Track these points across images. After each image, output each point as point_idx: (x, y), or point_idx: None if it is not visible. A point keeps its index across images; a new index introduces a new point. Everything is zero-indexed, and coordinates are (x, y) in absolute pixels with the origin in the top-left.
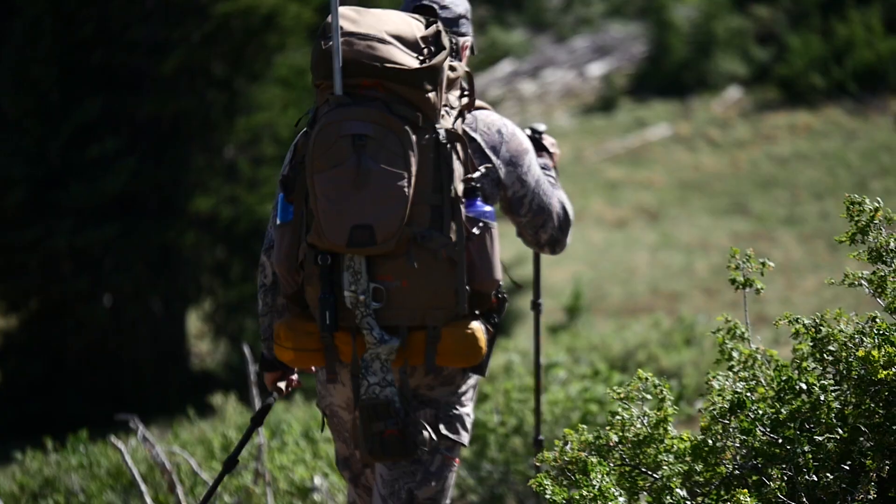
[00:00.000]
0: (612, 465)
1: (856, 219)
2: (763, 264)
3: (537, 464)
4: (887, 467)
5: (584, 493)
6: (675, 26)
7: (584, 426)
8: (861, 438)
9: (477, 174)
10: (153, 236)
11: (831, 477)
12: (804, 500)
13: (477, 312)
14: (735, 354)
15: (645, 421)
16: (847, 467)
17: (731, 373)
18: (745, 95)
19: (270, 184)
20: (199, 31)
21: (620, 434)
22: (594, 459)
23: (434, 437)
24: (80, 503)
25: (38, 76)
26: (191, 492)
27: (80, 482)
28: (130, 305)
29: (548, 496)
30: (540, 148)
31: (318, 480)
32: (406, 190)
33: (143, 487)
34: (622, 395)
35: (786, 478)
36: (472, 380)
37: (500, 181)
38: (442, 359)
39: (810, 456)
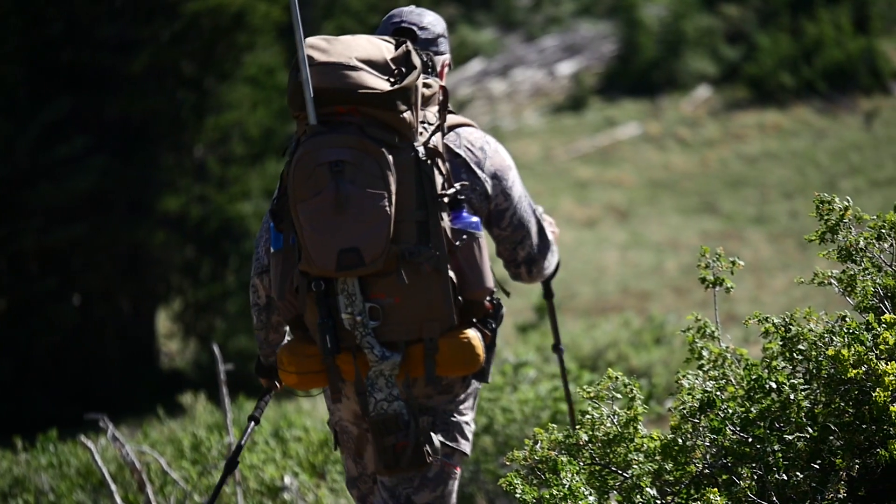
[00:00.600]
0: (582, 464)
1: (825, 218)
2: (733, 263)
3: (507, 462)
4: (857, 466)
5: (555, 492)
6: (645, 25)
7: (554, 425)
8: (831, 437)
9: (455, 188)
10: (122, 236)
11: (801, 476)
12: (774, 499)
13: (473, 320)
14: (705, 353)
15: (615, 420)
16: (817, 466)
17: (700, 372)
18: (714, 95)
19: (240, 183)
20: (169, 29)
21: (590, 433)
22: (564, 458)
23: (438, 448)
24: (49, 502)
25: (5, 75)
26: (160, 491)
27: (49, 481)
28: (99, 305)
29: (518, 495)
30: None
31: (287, 480)
32: (388, 209)
33: (112, 487)
34: (592, 395)
35: (756, 477)
36: (472, 388)
37: (487, 194)
38: (442, 369)
39: (780, 455)
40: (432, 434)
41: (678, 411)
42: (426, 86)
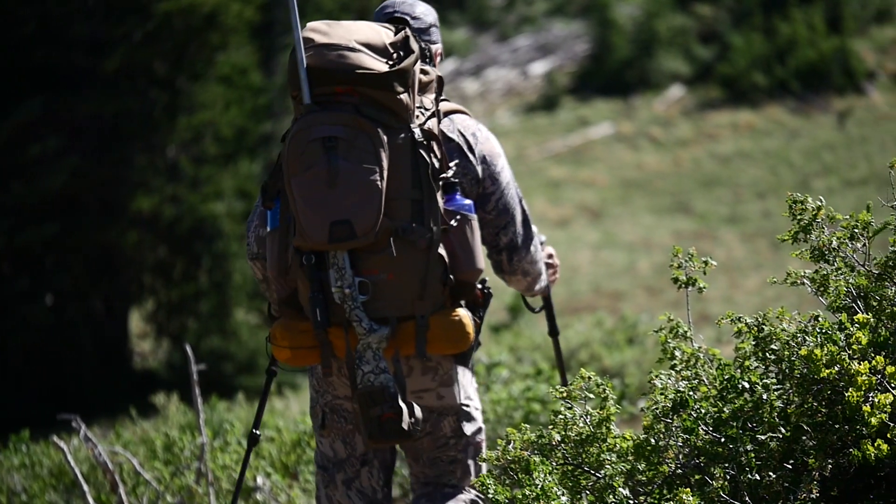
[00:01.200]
0: (554, 464)
1: (798, 217)
2: (705, 263)
3: (479, 462)
4: (830, 466)
5: (527, 492)
6: (618, 25)
7: (527, 425)
8: (804, 437)
9: (451, 171)
10: (95, 236)
11: (774, 476)
12: (747, 499)
13: (462, 303)
14: (678, 353)
15: (587, 420)
16: (790, 466)
17: (673, 372)
18: (687, 94)
19: (213, 183)
20: (141, 29)
21: (563, 433)
22: (537, 459)
23: (453, 440)
24: (21, 503)
25: None
26: (133, 491)
27: (21, 482)
28: (72, 305)
29: (490, 495)
30: None
31: (260, 480)
32: (379, 183)
33: (85, 487)
34: (565, 395)
35: (728, 477)
36: (469, 371)
37: (477, 178)
38: (432, 347)
39: (753, 455)
40: (415, 406)
41: (651, 411)
42: (424, 72)
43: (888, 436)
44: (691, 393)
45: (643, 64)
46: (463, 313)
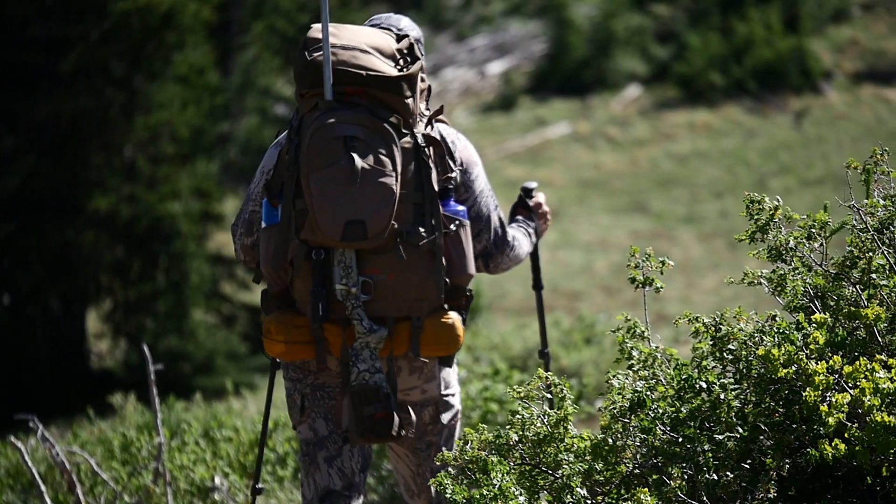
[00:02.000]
0: (512, 464)
1: (755, 217)
2: (662, 263)
3: (437, 462)
4: (787, 466)
5: (485, 492)
6: (575, 25)
7: (485, 425)
8: (761, 437)
9: (449, 176)
10: (52, 235)
11: (731, 476)
12: (704, 498)
13: (448, 305)
14: (635, 353)
15: (545, 420)
16: (747, 466)
17: (631, 372)
18: (644, 94)
19: (170, 182)
20: (98, 29)
21: (521, 433)
22: (494, 459)
23: (413, 421)
24: None
25: None
26: (90, 491)
27: None
28: (29, 304)
29: (448, 495)
30: (527, 209)
31: (218, 480)
32: (394, 187)
33: (42, 487)
34: (522, 395)
35: (686, 476)
36: (451, 370)
37: (457, 185)
38: (425, 348)
39: (710, 455)
40: (410, 409)
41: (608, 411)
42: (421, 79)
43: (845, 435)
44: (649, 393)
45: (600, 64)
46: (455, 317)
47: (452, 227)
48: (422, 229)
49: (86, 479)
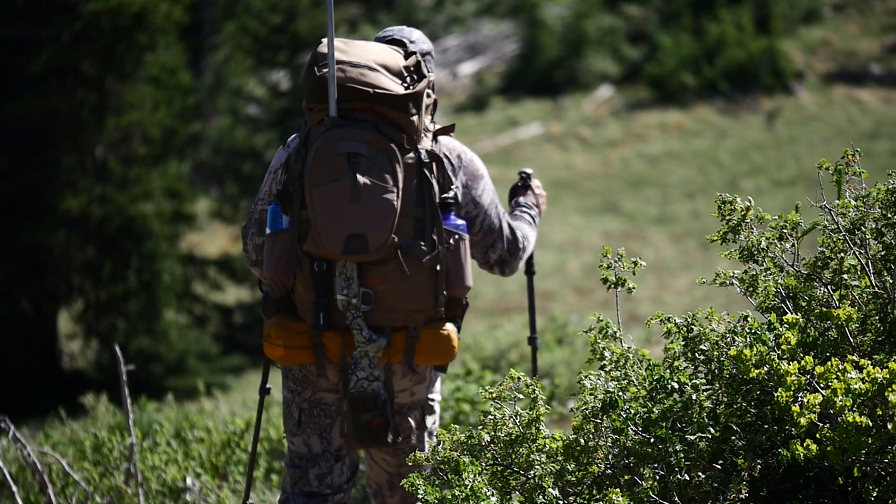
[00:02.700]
0: (484, 464)
1: (727, 218)
2: (634, 264)
3: (409, 463)
4: (759, 466)
5: (457, 492)
6: (547, 25)
7: (457, 426)
8: (733, 437)
9: (451, 191)
10: (23, 236)
11: (703, 476)
12: (676, 499)
13: (445, 316)
14: (607, 354)
15: (517, 420)
16: (719, 466)
17: (603, 372)
18: (616, 94)
19: (141, 183)
20: (69, 29)
21: (493, 434)
22: (466, 459)
23: (416, 431)
24: None
25: None
26: (62, 492)
27: None
28: (0, 305)
29: (420, 496)
30: (526, 188)
31: (189, 481)
32: (395, 203)
33: (14, 488)
34: (494, 395)
35: (658, 477)
36: (438, 374)
37: (458, 201)
38: (420, 357)
39: (682, 455)
40: (409, 417)
41: (580, 412)
42: (427, 95)
43: (817, 436)
44: (621, 393)
45: (572, 64)
46: (451, 328)
47: (452, 241)
48: (422, 243)
49: (57, 479)
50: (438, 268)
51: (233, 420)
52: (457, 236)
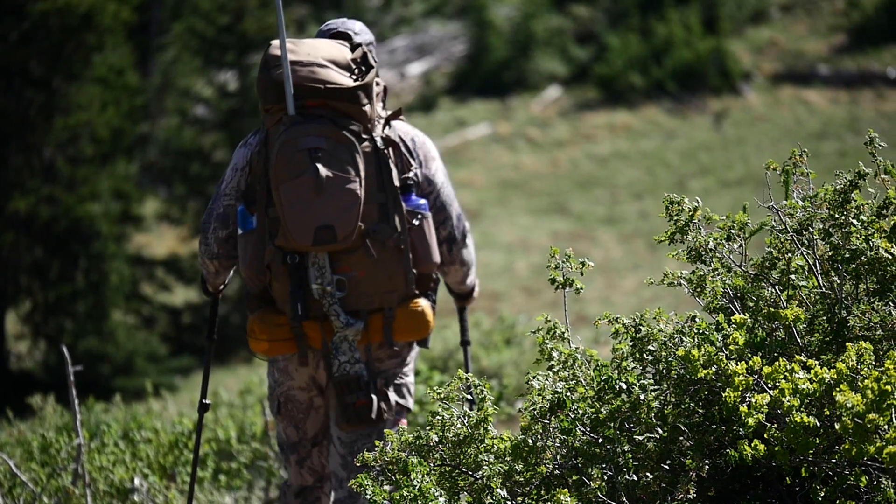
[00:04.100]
0: (432, 465)
1: (675, 218)
2: (583, 264)
3: (357, 464)
4: (707, 466)
5: (405, 493)
6: (495, 26)
7: (405, 427)
8: (681, 438)
9: (409, 174)
10: None
11: (651, 476)
12: (624, 499)
13: (417, 292)
14: (555, 354)
15: (465, 421)
16: (667, 467)
17: (551, 373)
18: (564, 95)
19: (89, 184)
20: (17, 29)
21: (441, 434)
22: (414, 460)
23: (392, 405)
24: None
25: None
26: (9, 493)
27: None
28: None
29: (368, 496)
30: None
31: (137, 481)
32: (359, 192)
33: None
34: (442, 396)
35: (606, 477)
36: (415, 351)
37: (418, 181)
38: (398, 335)
39: (630, 455)
40: (389, 393)
41: (528, 412)
42: (376, 83)
43: (765, 436)
44: (569, 394)
45: (520, 65)
46: (424, 304)
47: (415, 221)
48: (387, 227)
49: (5, 480)
50: (404, 248)
51: (180, 421)
52: (420, 216)
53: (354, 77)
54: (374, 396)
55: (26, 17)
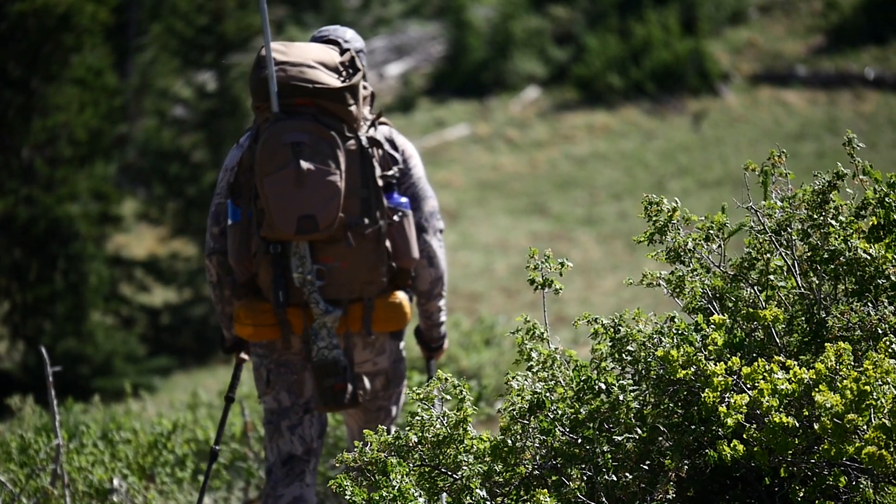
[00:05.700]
0: (411, 465)
1: (654, 219)
2: (562, 265)
3: (336, 464)
4: (686, 467)
5: (384, 493)
6: (473, 26)
7: (384, 427)
8: (660, 438)
9: (391, 172)
10: None
11: (630, 477)
12: (603, 499)
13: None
14: (534, 355)
15: (445, 421)
16: (646, 467)
17: (530, 373)
18: (543, 96)
19: (67, 184)
20: None
21: (420, 434)
22: (394, 460)
23: (368, 389)
24: None
25: None
26: None
27: None
28: None
29: (347, 497)
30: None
31: (116, 482)
32: (339, 184)
33: None
34: (422, 396)
35: (585, 478)
36: (398, 343)
37: (400, 180)
38: (376, 325)
39: (609, 456)
40: (364, 378)
41: (508, 412)
42: (364, 87)
43: (744, 436)
44: (548, 394)
45: (499, 65)
46: (402, 296)
47: (396, 217)
48: (367, 220)
49: None
50: (382, 241)
51: (160, 421)
52: (401, 213)
53: (342, 79)
54: (354, 380)
55: (4, 17)
